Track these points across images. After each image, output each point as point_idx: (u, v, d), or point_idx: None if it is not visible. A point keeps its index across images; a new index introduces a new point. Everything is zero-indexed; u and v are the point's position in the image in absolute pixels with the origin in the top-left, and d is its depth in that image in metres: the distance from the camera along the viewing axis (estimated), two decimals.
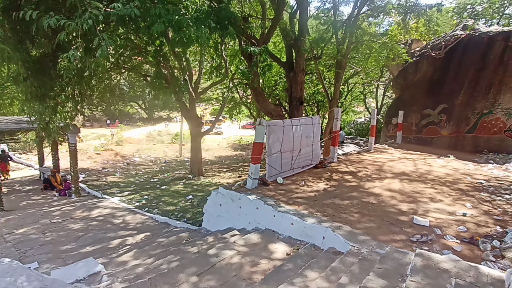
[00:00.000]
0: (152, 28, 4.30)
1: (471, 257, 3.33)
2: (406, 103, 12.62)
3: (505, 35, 10.67)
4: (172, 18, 4.29)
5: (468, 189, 5.79)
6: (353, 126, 26.04)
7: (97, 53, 3.72)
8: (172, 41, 5.28)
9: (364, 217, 4.40)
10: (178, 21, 4.46)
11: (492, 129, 10.72)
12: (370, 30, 10.16)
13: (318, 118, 7.10)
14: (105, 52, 3.69)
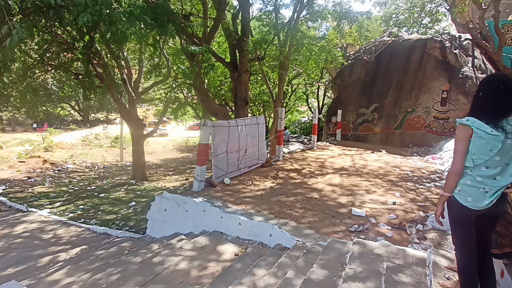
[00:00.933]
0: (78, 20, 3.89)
1: (400, 241, 3.68)
2: (344, 102, 13.57)
3: (423, 42, 12.11)
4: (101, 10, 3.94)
5: (397, 180, 6.41)
6: (298, 125, 27.16)
7: (6, 43, 3.24)
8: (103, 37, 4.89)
9: (308, 212, 4.60)
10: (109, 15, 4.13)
11: (415, 126, 12.07)
12: (310, 34, 10.70)
13: (263, 118, 7.25)
14: (16, 43, 3.23)
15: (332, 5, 9.26)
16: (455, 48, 11.78)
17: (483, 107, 1.76)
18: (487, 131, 1.69)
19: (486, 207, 1.78)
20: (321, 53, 10.13)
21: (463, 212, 1.82)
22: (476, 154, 1.74)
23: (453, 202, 1.86)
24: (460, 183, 1.83)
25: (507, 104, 1.72)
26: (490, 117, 1.72)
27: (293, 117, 29.30)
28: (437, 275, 2.44)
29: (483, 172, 1.76)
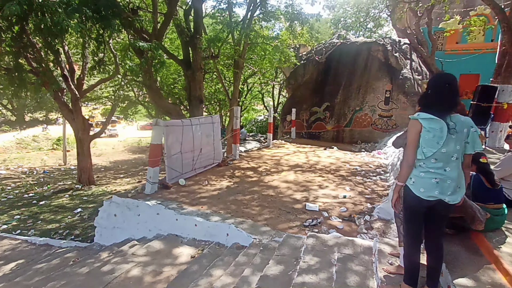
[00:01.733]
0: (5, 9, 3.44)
1: (350, 232, 3.89)
2: (298, 101, 14.01)
3: (368, 45, 12.97)
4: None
5: (347, 174, 6.78)
6: (254, 124, 27.43)
7: None
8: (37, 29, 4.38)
9: (264, 209, 4.65)
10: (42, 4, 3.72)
11: (363, 123, 12.91)
12: (264, 33, 10.84)
13: (218, 117, 7.17)
14: None
15: (285, 6, 9.47)
16: (396, 51, 12.82)
17: (430, 103, 1.92)
18: (436, 123, 1.86)
19: (438, 197, 1.93)
20: (275, 53, 10.32)
21: (416, 202, 1.97)
22: (426, 147, 1.90)
23: (408, 192, 2.00)
24: (413, 174, 1.98)
25: (450, 101, 1.91)
26: (435, 112, 1.89)
27: (250, 115, 29.53)
28: (382, 261, 2.62)
29: (433, 164, 1.92)
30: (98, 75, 11.55)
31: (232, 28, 8.57)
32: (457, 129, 1.89)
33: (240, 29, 8.60)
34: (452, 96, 1.90)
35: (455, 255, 2.38)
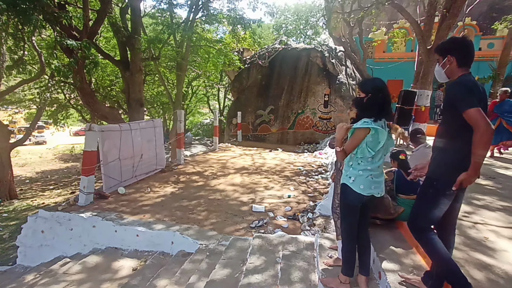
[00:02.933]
0: None
1: (294, 230, 4.05)
2: (243, 104, 14.16)
3: (308, 51, 13.69)
4: None
5: (292, 175, 7.04)
6: (200, 127, 26.94)
7: None
8: None
9: (211, 214, 4.59)
10: None
11: (305, 125, 13.55)
12: (207, 36, 10.74)
13: (160, 121, 6.89)
14: None
15: (227, 10, 9.53)
16: (333, 58, 13.75)
17: (372, 107, 2.09)
18: (380, 129, 2.04)
19: (373, 193, 2.12)
20: (219, 56, 10.28)
21: (355, 198, 2.12)
22: (369, 148, 2.06)
23: (348, 190, 2.14)
24: (352, 173, 2.13)
25: (389, 105, 2.13)
26: (378, 116, 2.07)
27: (195, 119, 28.95)
28: (322, 255, 2.77)
29: (371, 163, 2.11)
30: (19, 76, 10.25)
31: (173, 29, 8.32)
32: (388, 132, 2.14)
33: (182, 31, 8.39)
34: (389, 100, 2.13)
35: (383, 244, 2.62)
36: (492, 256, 2.44)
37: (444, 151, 1.87)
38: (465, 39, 1.92)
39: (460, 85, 1.78)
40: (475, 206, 3.67)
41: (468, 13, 14.57)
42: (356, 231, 2.18)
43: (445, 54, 1.92)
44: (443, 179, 1.82)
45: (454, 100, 1.78)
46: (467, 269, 2.24)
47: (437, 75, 2.03)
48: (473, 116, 1.66)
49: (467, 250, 2.54)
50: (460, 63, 1.87)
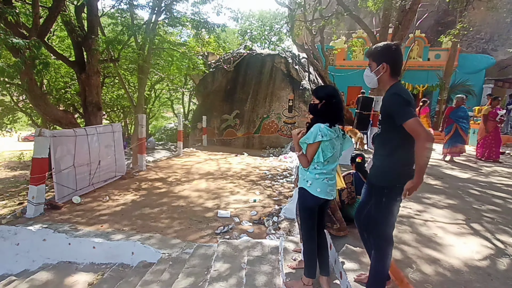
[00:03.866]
0: None
1: (260, 234, 4.06)
2: (208, 109, 14.02)
3: (272, 57, 13.94)
4: None
5: (257, 179, 7.07)
6: (164, 132, 26.16)
7: None
8: None
9: (174, 221, 4.45)
10: None
11: (270, 130, 13.74)
12: (170, 39, 10.49)
13: (120, 125, 6.57)
14: None
15: (191, 14, 9.39)
16: (296, 64, 14.14)
17: (326, 113, 2.15)
18: (333, 133, 2.11)
19: (328, 195, 2.19)
20: (183, 59, 10.08)
21: (313, 201, 2.18)
22: (325, 151, 2.12)
23: (306, 194, 2.19)
24: (309, 177, 2.18)
25: (342, 111, 2.22)
26: (333, 122, 2.15)
27: (159, 123, 28.08)
28: (287, 258, 2.80)
29: (326, 167, 2.17)
30: None
31: (134, 31, 8.01)
32: (341, 136, 2.23)
33: (143, 33, 8.11)
34: (342, 107, 2.21)
35: (344, 244, 2.72)
36: (441, 251, 2.63)
37: (387, 159, 1.92)
38: (398, 47, 1.93)
39: (398, 96, 1.79)
40: (425, 205, 3.95)
41: (418, 26, 15.80)
42: (315, 233, 2.24)
43: (380, 60, 1.91)
44: (391, 187, 1.89)
45: (392, 111, 1.81)
46: (419, 264, 2.40)
47: (368, 80, 2.02)
48: (413, 127, 1.71)
49: (419, 246, 2.72)
50: (393, 72, 1.91)
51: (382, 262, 1.94)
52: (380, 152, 1.99)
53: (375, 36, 9.92)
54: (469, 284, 2.14)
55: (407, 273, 2.27)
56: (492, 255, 2.57)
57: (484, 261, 2.47)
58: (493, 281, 2.19)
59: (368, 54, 2.01)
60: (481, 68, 16.59)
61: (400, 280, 2.17)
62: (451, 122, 7.23)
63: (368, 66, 2.02)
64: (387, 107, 1.86)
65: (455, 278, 2.22)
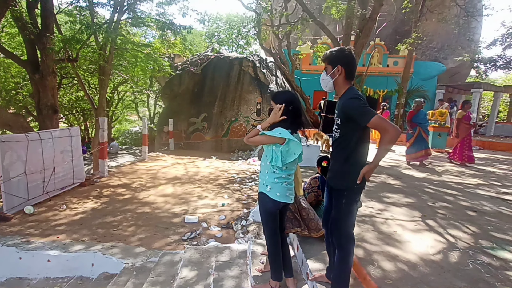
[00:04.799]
0: None
1: (228, 239, 4.02)
2: (175, 112, 13.70)
3: (240, 60, 13.97)
4: None
5: (226, 183, 7.01)
6: (128, 135, 25.13)
7: None
8: None
9: (139, 229, 4.27)
10: None
11: (238, 133, 13.71)
12: (134, 39, 10.13)
13: (78, 129, 6.20)
14: None
15: (156, 14, 9.15)
16: (264, 68, 14.29)
17: (291, 118, 2.17)
18: (295, 139, 2.13)
19: (287, 199, 2.21)
20: (148, 61, 9.77)
21: (274, 205, 2.19)
22: (285, 157, 2.13)
23: (266, 198, 2.20)
24: (269, 182, 2.19)
25: (298, 119, 2.23)
26: (295, 128, 2.17)
27: (123, 126, 26.93)
28: (255, 262, 2.80)
29: (286, 171, 2.20)
30: None
31: (94, 30, 7.62)
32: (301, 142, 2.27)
33: (104, 32, 7.74)
34: (300, 113, 2.25)
35: (311, 245, 2.78)
36: (399, 248, 2.78)
37: (344, 162, 1.99)
38: (351, 51, 2.01)
39: (357, 99, 1.86)
40: (386, 204, 4.16)
41: (378, 34, 16.74)
42: (279, 236, 2.27)
43: (335, 63, 1.97)
44: (350, 189, 1.96)
45: (353, 114, 1.87)
46: (380, 261, 2.51)
47: (324, 84, 2.08)
48: (380, 123, 1.79)
49: (380, 244, 2.85)
50: (348, 75, 1.98)
51: (345, 260, 2.00)
52: (337, 155, 2.05)
53: (338, 42, 10.34)
54: (425, 278, 2.28)
55: (369, 270, 2.36)
56: (444, 249, 2.77)
57: (437, 255, 2.65)
58: (445, 273, 2.35)
59: (324, 58, 2.06)
60: (434, 75, 17.92)
61: (363, 277, 2.26)
62: (414, 126, 7.29)
63: (324, 70, 2.07)
64: (347, 111, 1.90)
65: (412, 272, 2.35)
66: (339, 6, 10.60)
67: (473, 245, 2.88)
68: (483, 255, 2.67)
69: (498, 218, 3.70)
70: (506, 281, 2.26)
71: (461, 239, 3.02)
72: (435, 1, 16.34)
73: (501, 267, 2.47)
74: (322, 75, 2.07)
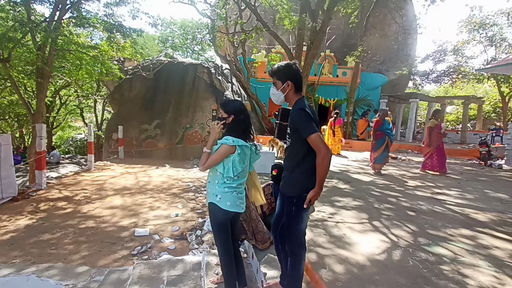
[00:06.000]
0: None
1: (182, 251, 3.86)
2: (125, 118, 12.99)
3: (194, 66, 13.78)
4: None
5: (180, 192, 6.78)
6: (73, 143, 23.25)
7: None
8: None
9: (81, 246, 3.92)
10: None
11: (194, 140, 13.42)
12: (79, 40, 9.42)
13: (8, 137, 5.53)
14: None
15: (104, 15, 8.62)
16: (219, 74, 14.25)
17: (235, 128, 2.15)
18: (246, 148, 2.11)
19: (238, 208, 2.18)
20: (94, 64, 9.14)
21: (224, 215, 2.15)
22: (236, 166, 2.10)
23: (216, 209, 2.14)
24: (219, 191, 2.14)
25: (248, 128, 2.22)
26: (246, 136, 2.16)
27: (66, 134, 24.87)
28: (209, 273, 2.72)
29: (237, 181, 2.17)
30: None
31: (31, 28, 6.92)
32: (255, 151, 2.27)
33: (42, 31, 7.07)
34: (250, 122, 2.25)
35: (265, 253, 2.78)
36: (349, 250, 2.90)
37: (294, 170, 2.05)
38: (297, 65, 2.11)
39: (303, 111, 1.95)
40: (337, 208, 4.35)
41: (328, 46, 17.73)
42: (231, 246, 2.23)
43: (284, 79, 2.05)
44: (300, 196, 2.01)
45: (298, 125, 1.95)
46: (331, 264, 2.60)
47: (275, 98, 2.13)
48: (315, 142, 1.88)
49: (331, 247, 2.95)
50: (297, 88, 2.07)
51: (297, 267, 2.04)
52: (289, 163, 2.11)
53: (291, 52, 10.72)
54: (371, 277, 2.41)
55: (322, 273, 2.43)
56: (388, 248, 2.96)
57: (382, 255, 2.82)
58: (389, 271, 2.51)
59: (272, 73, 2.11)
60: (378, 86, 19.43)
61: (315, 281, 2.32)
62: (382, 135, 7.23)
63: (274, 84, 2.12)
64: (294, 121, 1.99)
65: (360, 273, 2.47)
66: (291, 18, 11.02)
67: (412, 243, 3.12)
68: (421, 252, 2.90)
69: (433, 216, 4.07)
70: (440, 275, 2.48)
71: (402, 238, 3.25)
72: (377, 18, 17.80)
73: (436, 262, 2.71)
74: (272, 89, 2.12)
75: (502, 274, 2.53)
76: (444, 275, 2.48)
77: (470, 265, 2.67)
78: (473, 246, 3.10)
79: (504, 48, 21.54)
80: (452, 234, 3.41)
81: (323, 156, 1.86)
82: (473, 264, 2.68)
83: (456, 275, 2.48)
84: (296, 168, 2.03)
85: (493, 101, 25.69)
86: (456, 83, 27.82)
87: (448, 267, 2.62)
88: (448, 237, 3.32)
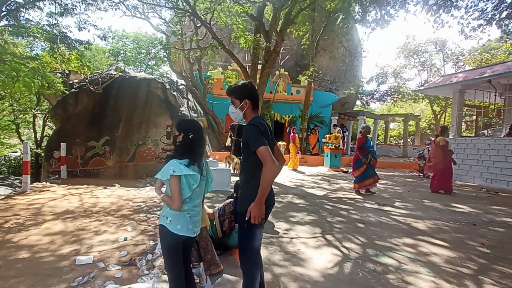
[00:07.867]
0: None
1: (130, 278, 3.57)
2: (69, 135, 11.99)
3: (148, 81, 13.35)
4: None
5: (130, 213, 6.35)
6: (6, 163, 20.80)
7: None
8: None
9: (10, 281, 3.43)
10: None
11: (147, 157, 12.81)
12: (16, 50, 8.61)
13: None
14: None
15: (47, 25, 8.02)
16: (174, 90, 13.96)
17: (183, 148, 2.09)
18: (191, 172, 2.03)
19: (190, 232, 2.09)
20: (33, 76, 8.40)
21: (173, 239, 2.04)
22: (185, 189, 2.03)
23: (166, 232, 2.03)
24: (169, 214, 2.04)
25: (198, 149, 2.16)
26: (193, 156, 2.08)
27: None
28: None
29: (190, 203, 2.09)
30: None
31: None
32: (207, 171, 2.23)
33: None
34: (202, 143, 2.21)
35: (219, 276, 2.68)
36: (303, 266, 2.93)
37: (245, 186, 2.09)
38: (253, 84, 2.22)
39: (254, 126, 2.00)
40: (291, 223, 4.40)
41: (282, 65, 18.48)
42: (182, 270, 2.13)
43: (242, 98, 2.13)
44: None
45: (248, 139, 2.00)
46: (286, 282, 2.59)
47: (234, 116, 2.19)
48: (263, 154, 1.90)
49: (286, 264, 2.96)
50: (254, 106, 2.15)
51: (251, 285, 1.99)
52: (241, 179, 2.15)
53: (246, 70, 10.95)
54: None
55: None
56: (340, 261, 3.05)
57: (334, 268, 2.89)
58: (341, 285, 2.57)
59: (230, 92, 2.19)
60: (329, 104, 20.60)
61: None
62: (366, 153, 7.04)
63: (232, 103, 2.17)
64: (245, 135, 2.04)
65: None
66: (246, 37, 11.32)
67: (362, 254, 3.26)
68: (369, 262, 3.04)
69: (380, 227, 4.32)
70: (387, 284, 2.60)
71: (353, 250, 3.38)
72: (326, 41, 19.07)
73: (383, 271, 2.85)
74: (231, 108, 2.18)
75: (439, 279, 2.73)
76: (390, 284, 2.61)
77: (412, 272, 2.85)
78: (414, 254, 3.33)
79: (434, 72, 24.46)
80: (396, 244, 3.63)
81: (268, 167, 1.88)
82: (415, 271, 2.86)
83: (401, 283, 2.63)
84: (248, 183, 2.05)
85: (428, 119, 28.72)
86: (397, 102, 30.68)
87: (393, 275, 2.76)
88: (393, 246, 3.53)
